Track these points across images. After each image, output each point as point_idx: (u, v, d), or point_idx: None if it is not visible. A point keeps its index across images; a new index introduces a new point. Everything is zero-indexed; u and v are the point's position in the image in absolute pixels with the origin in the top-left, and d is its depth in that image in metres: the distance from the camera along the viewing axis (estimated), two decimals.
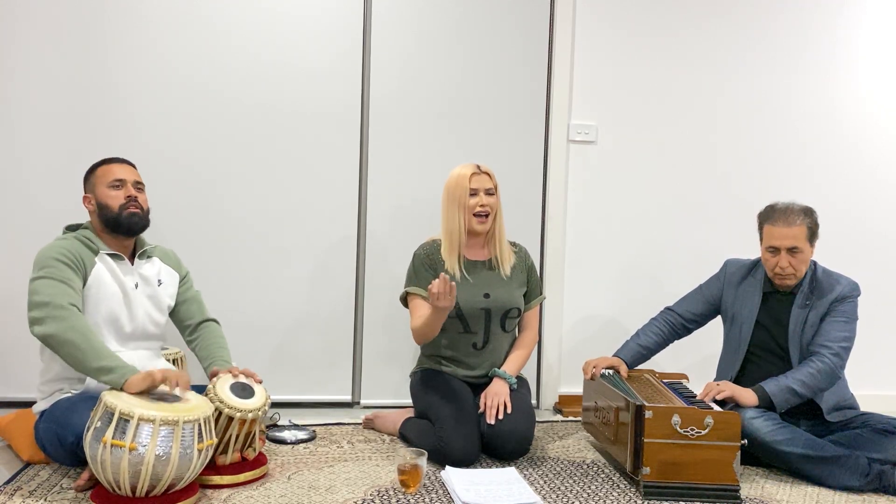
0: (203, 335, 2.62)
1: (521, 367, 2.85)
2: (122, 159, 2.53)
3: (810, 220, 2.69)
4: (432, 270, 2.78)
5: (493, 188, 2.76)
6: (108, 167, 2.48)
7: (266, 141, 3.21)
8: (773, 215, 2.71)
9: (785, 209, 2.70)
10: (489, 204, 2.74)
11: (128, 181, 2.46)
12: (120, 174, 2.46)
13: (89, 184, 2.49)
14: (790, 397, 2.61)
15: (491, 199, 2.75)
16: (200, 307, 2.67)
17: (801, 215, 2.68)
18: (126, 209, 2.43)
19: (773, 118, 3.60)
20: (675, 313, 2.98)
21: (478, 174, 2.75)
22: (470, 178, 2.74)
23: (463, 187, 2.73)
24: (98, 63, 3.07)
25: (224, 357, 2.56)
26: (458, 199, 2.74)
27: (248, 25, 3.17)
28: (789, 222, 2.66)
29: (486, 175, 2.76)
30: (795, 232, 2.66)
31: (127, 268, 2.47)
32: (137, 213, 2.45)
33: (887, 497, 2.49)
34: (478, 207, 2.73)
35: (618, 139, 3.51)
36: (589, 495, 2.41)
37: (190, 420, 2.13)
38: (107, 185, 2.44)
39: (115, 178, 2.45)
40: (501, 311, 2.79)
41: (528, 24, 3.39)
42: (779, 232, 2.67)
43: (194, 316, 2.64)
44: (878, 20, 3.64)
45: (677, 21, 3.51)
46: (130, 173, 2.49)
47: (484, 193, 2.74)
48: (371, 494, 2.34)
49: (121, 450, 2.04)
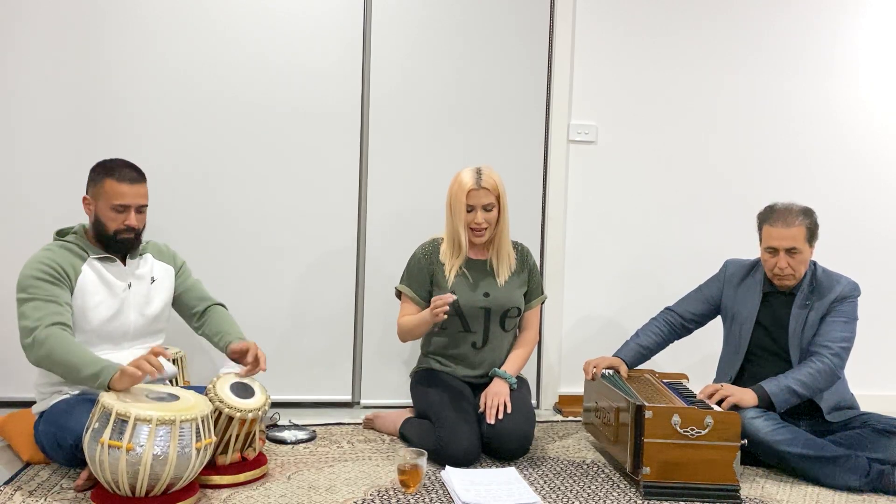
0: (209, 319, 2.61)
1: (521, 366, 2.85)
2: (134, 174, 2.44)
3: (809, 221, 2.69)
4: (428, 276, 2.79)
5: (491, 203, 2.71)
6: (118, 186, 2.39)
7: (266, 141, 3.21)
8: (773, 216, 2.71)
9: (784, 210, 2.70)
10: (486, 219, 2.72)
11: (132, 207, 2.41)
12: (127, 199, 2.40)
13: (94, 190, 2.42)
14: (790, 397, 2.61)
15: (488, 215, 2.72)
16: (202, 294, 2.66)
17: (800, 216, 2.68)
18: (120, 234, 2.42)
19: (772, 118, 3.60)
20: (675, 313, 2.98)
21: (475, 190, 2.69)
22: (468, 193, 2.70)
23: (461, 202, 2.71)
24: (97, 63, 3.07)
25: (236, 331, 2.57)
26: (457, 211, 2.74)
27: (248, 25, 3.17)
28: (788, 223, 2.66)
29: (486, 189, 2.69)
30: (794, 233, 2.66)
31: (119, 270, 2.46)
32: (130, 238, 2.43)
33: (887, 497, 2.49)
34: (473, 224, 2.73)
35: (618, 139, 3.50)
36: (589, 495, 2.41)
37: (187, 419, 2.13)
38: (111, 206, 2.39)
39: (120, 202, 2.39)
40: (501, 311, 2.79)
41: (528, 24, 3.39)
42: (777, 233, 2.67)
43: (197, 304, 2.63)
44: (878, 20, 3.64)
45: (677, 21, 3.51)
46: (136, 196, 2.42)
47: (481, 210, 2.71)
48: (371, 494, 2.33)
49: (118, 450, 2.04)
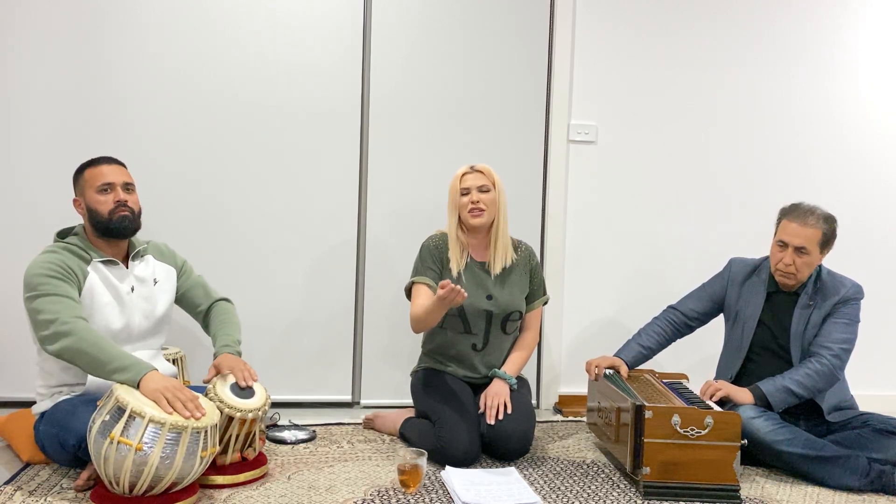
0: (210, 318, 2.60)
1: (521, 367, 2.85)
2: (109, 158, 2.45)
3: (827, 228, 2.69)
4: (439, 263, 2.78)
5: (487, 185, 2.74)
6: (96, 169, 2.40)
7: (266, 140, 3.21)
8: (794, 212, 2.72)
9: (807, 209, 2.71)
10: (481, 199, 2.72)
11: (116, 184, 2.39)
12: (108, 177, 2.39)
13: (78, 186, 2.43)
14: (787, 397, 2.61)
15: (484, 196, 2.73)
16: (206, 291, 2.64)
17: (819, 220, 2.68)
18: (116, 213, 2.38)
19: (772, 117, 3.60)
20: (677, 311, 2.98)
21: (469, 173, 2.75)
22: (461, 177, 2.76)
23: (455, 189, 2.77)
24: (97, 63, 3.07)
25: (227, 333, 2.53)
26: (453, 201, 2.77)
27: (248, 25, 3.17)
28: (806, 223, 2.67)
29: (479, 172, 2.75)
30: (808, 233, 2.66)
31: (121, 272, 2.44)
32: (128, 216, 2.40)
33: (887, 497, 2.49)
34: (470, 204, 2.73)
35: (618, 139, 3.50)
36: (589, 495, 2.41)
37: (198, 427, 2.13)
38: (96, 189, 2.37)
39: (103, 181, 2.38)
40: (503, 315, 2.78)
41: (528, 24, 3.39)
42: (792, 228, 2.68)
43: (202, 301, 2.62)
44: (878, 20, 3.64)
45: (677, 21, 3.51)
46: (119, 174, 2.42)
47: (476, 190, 2.73)
48: (371, 494, 2.33)
49: (127, 448, 2.04)
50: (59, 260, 2.31)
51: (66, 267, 2.31)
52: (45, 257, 2.32)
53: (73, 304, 2.27)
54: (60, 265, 2.30)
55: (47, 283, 2.27)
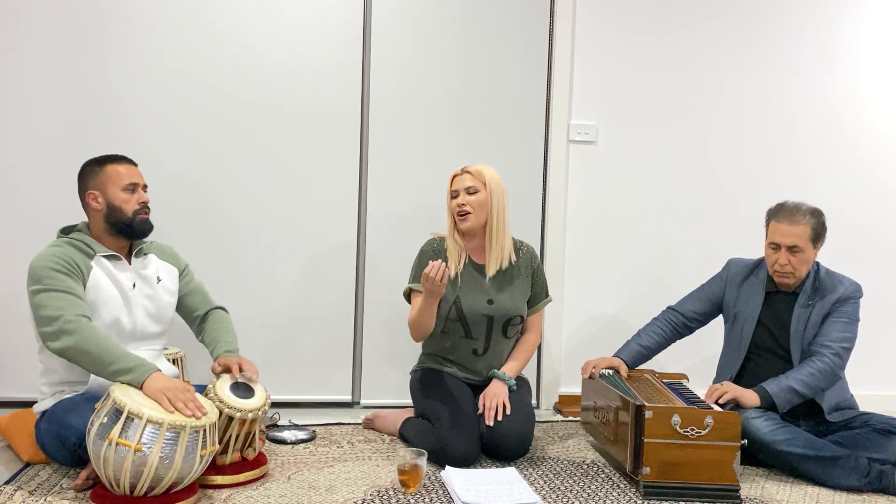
0: (208, 325, 2.61)
1: (521, 369, 2.85)
2: (127, 158, 2.50)
3: (816, 222, 2.69)
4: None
5: (474, 186, 2.73)
6: (119, 168, 2.44)
7: (266, 140, 3.21)
8: (780, 212, 2.72)
9: (792, 207, 2.71)
10: (468, 202, 2.73)
11: (139, 185, 2.46)
12: (134, 177, 2.45)
13: (97, 180, 2.43)
14: (791, 397, 2.61)
15: (471, 198, 2.73)
16: (205, 297, 2.66)
17: (807, 215, 2.68)
18: (139, 215, 2.43)
19: (773, 118, 3.60)
20: (677, 312, 2.98)
21: (459, 175, 2.77)
22: (452, 180, 2.78)
23: (448, 191, 2.78)
24: (97, 62, 3.07)
25: (228, 340, 2.55)
26: (447, 203, 2.79)
27: (248, 25, 3.17)
28: (794, 221, 2.67)
29: (469, 174, 2.75)
30: (798, 231, 2.66)
31: (124, 267, 2.45)
32: (148, 219, 2.47)
33: (887, 497, 2.49)
34: (457, 207, 2.74)
35: (618, 139, 3.50)
36: (589, 495, 2.41)
37: (197, 426, 2.13)
38: (121, 187, 2.41)
39: (130, 181, 2.43)
40: (504, 319, 2.78)
41: (528, 24, 3.39)
42: (782, 229, 2.68)
43: (199, 307, 2.63)
44: (878, 20, 3.64)
45: (677, 21, 3.51)
46: (140, 175, 2.48)
47: (464, 192, 2.73)
48: (371, 494, 2.33)
49: (126, 449, 2.04)
50: (64, 254, 2.33)
51: (72, 262, 2.32)
52: (52, 251, 2.34)
53: (77, 302, 2.27)
54: (66, 259, 2.31)
55: (53, 276, 2.27)
